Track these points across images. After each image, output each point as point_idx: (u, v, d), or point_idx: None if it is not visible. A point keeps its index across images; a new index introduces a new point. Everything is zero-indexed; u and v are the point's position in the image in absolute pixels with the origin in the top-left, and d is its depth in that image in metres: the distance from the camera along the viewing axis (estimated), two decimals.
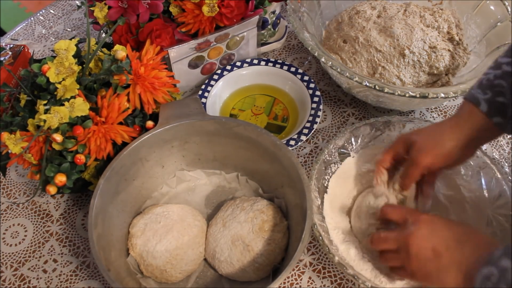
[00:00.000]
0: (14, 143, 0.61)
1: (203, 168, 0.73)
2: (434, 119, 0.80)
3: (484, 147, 0.76)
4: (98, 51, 0.69)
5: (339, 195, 0.68)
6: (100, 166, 0.67)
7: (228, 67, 0.84)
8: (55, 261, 0.69)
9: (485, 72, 0.56)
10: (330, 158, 0.68)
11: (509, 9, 0.76)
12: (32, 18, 1.05)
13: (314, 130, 0.74)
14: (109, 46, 0.74)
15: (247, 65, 0.85)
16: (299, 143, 0.74)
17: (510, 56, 0.53)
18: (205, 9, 0.72)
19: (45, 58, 0.65)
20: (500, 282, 0.41)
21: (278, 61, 0.84)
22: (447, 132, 0.57)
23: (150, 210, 0.67)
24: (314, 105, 0.77)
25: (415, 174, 0.59)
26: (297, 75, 0.82)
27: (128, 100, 0.67)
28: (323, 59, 0.70)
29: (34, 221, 0.73)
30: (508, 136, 0.77)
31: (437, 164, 0.57)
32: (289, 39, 0.94)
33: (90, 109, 0.63)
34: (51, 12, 1.06)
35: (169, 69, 0.76)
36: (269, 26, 0.88)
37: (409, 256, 0.51)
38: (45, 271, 0.68)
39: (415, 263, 0.51)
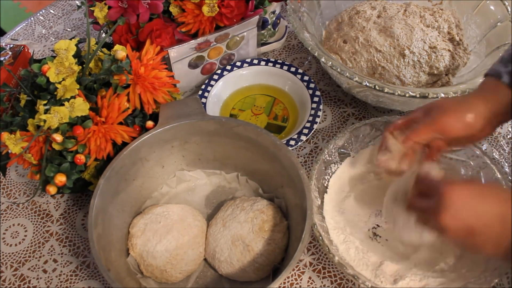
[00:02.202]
0: (14, 143, 0.61)
1: (203, 168, 0.73)
2: None
3: (484, 147, 0.76)
4: (98, 51, 0.69)
5: (339, 195, 0.68)
6: (100, 166, 0.67)
7: (228, 67, 0.84)
8: (55, 261, 0.69)
9: (506, 50, 0.56)
10: (330, 158, 0.68)
11: (509, 9, 0.76)
12: (32, 18, 1.05)
13: (314, 130, 0.74)
14: (109, 46, 0.74)
15: (247, 65, 0.85)
16: (299, 143, 0.74)
17: None
18: (205, 9, 0.72)
19: (45, 58, 0.65)
20: None
21: (278, 61, 0.84)
22: (472, 102, 0.54)
23: (150, 210, 0.67)
24: (314, 105, 0.77)
25: (426, 130, 0.55)
26: (297, 75, 0.82)
27: (128, 100, 0.67)
28: (323, 59, 0.70)
29: (34, 221, 0.73)
30: (508, 136, 0.77)
31: (457, 129, 0.54)
32: (289, 39, 0.94)
33: (90, 109, 0.63)
34: (51, 12, 1.06)
35: (169, 69, 0.76)
36: (269, 26, 0.88)
37: (442, 232, 0.48)
38: (45, 271, 0.68)
39: (450, 237, 0.47)
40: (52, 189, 0.63)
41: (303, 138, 0.73)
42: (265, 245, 0.61)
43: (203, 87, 0.82)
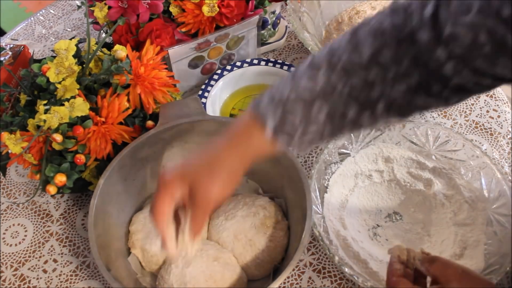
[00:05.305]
0: (14, 143, 0.61)
1: None
2: (434, 119, 0.80)
3: (484, 147, 0.76)
4: (98, 51, 0.69)
5: (339, 195, 0.68)
6: (100, 166, 0.67)
7: (228, 67, 0.84)
8: (55, 261, 0.69)
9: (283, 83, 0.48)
10: (330, 158, 0.68)
11: None
12: (32, 18, 1.05)
13: None
14: (109, 46, 0.74)
15: (247, 65, 0.84)
16: None
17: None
18: (205, 9, 0.72)
19: (45, 58, 0.65)
20: None
21: (278, 61, 0.84)
22: (225, 155, 0.49)
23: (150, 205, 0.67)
24: None
25: (204, 217, 0.51)
26: None
27: (128, 100, 0.67)
28: None
29: (34, 221, 0.73)
30: (508, 136, 0.77)
31: (223, 194, 0.50)
32: (289, 39, 0.94)
33: (90, 109, 0.63)
34: (51, 12, 1.06)
35: (169, 69, 0.76)
36: (269, 26, 0.88)
37: None
38: (45, 271, 0.68)
39: None
40: (52, 189, 0.63)
41: None
42: (267, 242, 0.61)
43: (203, 87, 0.82)
